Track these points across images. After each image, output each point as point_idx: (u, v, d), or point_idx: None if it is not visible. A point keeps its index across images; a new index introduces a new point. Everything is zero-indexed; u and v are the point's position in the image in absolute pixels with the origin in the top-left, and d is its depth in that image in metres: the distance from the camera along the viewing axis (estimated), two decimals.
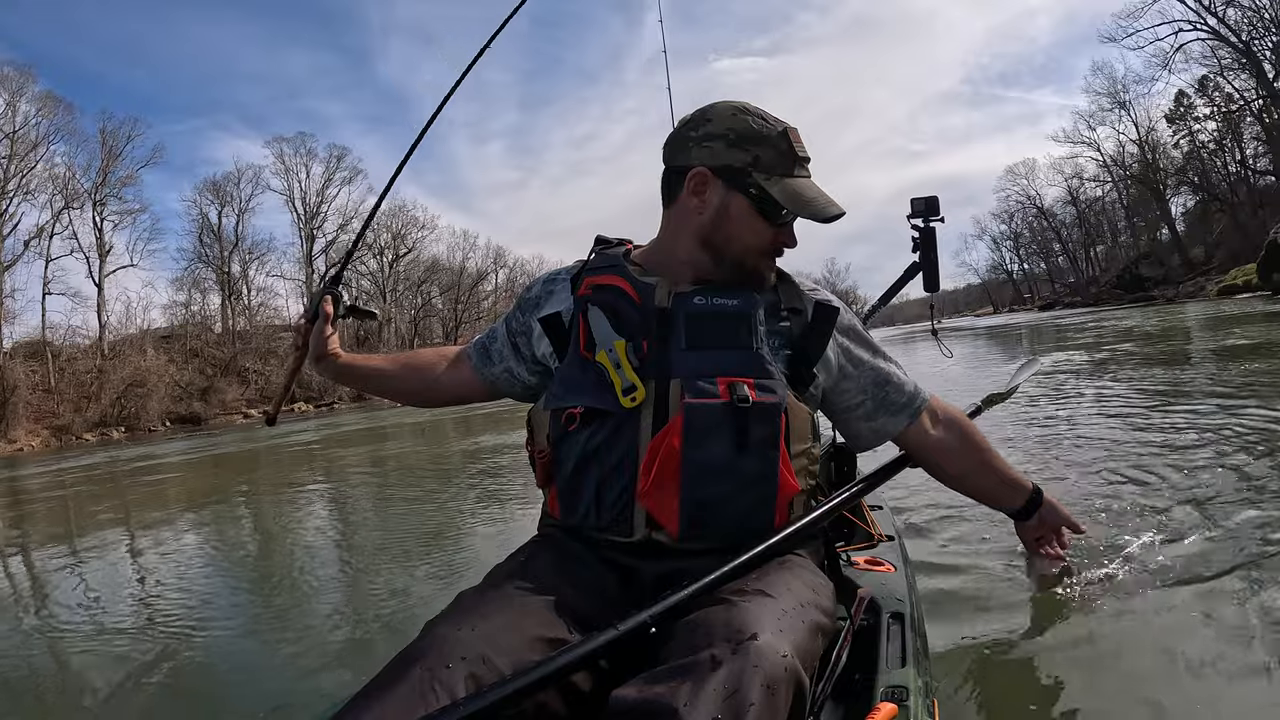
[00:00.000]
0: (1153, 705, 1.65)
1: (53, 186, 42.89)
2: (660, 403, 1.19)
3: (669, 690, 0.83)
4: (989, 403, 1.75)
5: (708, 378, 1.18)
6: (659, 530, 1.18)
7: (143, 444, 24.74)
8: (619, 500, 1.19)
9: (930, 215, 2.63)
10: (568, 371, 1.29)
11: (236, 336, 50.12)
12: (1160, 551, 2.53)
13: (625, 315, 1.26)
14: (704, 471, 1.15)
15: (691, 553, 1.16)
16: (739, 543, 1.09)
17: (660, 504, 1.17)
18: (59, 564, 4.96)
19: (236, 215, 53.25)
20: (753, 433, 1.16)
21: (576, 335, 1.29)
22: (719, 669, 0.84)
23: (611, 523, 1.20)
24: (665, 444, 1.16)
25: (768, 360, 1.22)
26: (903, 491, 3.85)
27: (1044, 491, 1.67)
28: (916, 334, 38.66)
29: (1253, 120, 45.09)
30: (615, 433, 1.20)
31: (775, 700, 0.84)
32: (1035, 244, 77.04)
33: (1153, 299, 39.42)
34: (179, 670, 2.70)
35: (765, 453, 1.17)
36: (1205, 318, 17.16)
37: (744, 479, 1.17)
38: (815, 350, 1.32)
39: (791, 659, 0.89)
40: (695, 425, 1.16)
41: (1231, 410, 4.62)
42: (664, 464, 1.15)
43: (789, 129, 1.29)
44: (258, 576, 4.17)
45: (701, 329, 1.22)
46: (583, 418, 1.22)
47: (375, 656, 2.62)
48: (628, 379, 1.20)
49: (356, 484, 8.04)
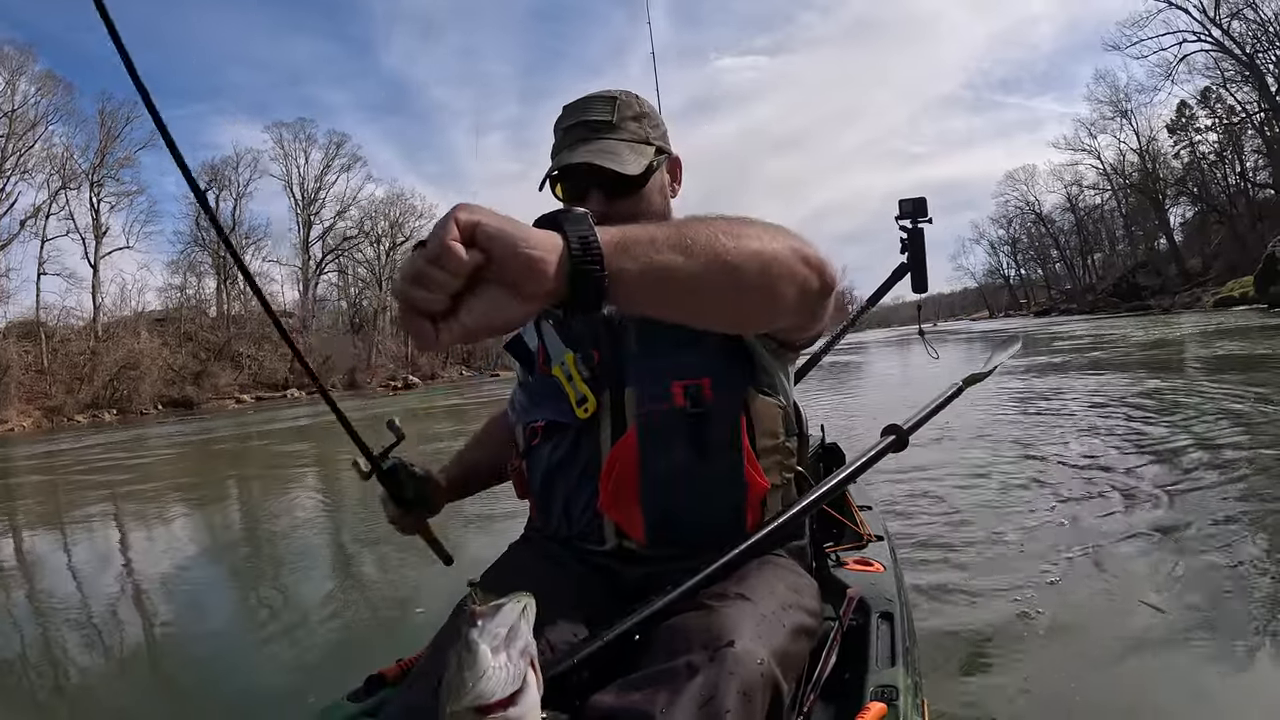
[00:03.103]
0: (1141, 702, 1.65)
1: (50, 166, 43.00)
2: (617, 412, 1.16)
3: (645, 698, 0.83)
4: (969, 382, 1.74)
5: (661, 383, 1.14)
6: (628, 539, 1.16)
7: (134, 427, 24.67)
8: (586, 511, 1.18)
9: (918, 217, 2.63)
10: (531, 387, 1.29)
11: (231, 321, 50.01)
12: (1149, 554, 2.54)
13: (575, 327, 1.24)
14: (664, 480, 1.13)
15: (667, 557, 1.14)
16: (714, 545, 1.05)
17: (624, 514, 1.15)
18: (42, 553, 4.93)
19: (234, 199, 53.36)
20: (711, 435, 1.13)
21: (537, 353, 1.28)
22: (696, 676, 0.84)
23: (583, 532, 1.19)
24: (622, 455, 1.14)
25: (723, 357, 1.16)
26: (892, 492, 3.86)
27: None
28: (910, 336, 38.89)
29: (1254, 133, 45.25)
30: (575, 445, 1.19)
31: (752, 706, 0.84)
32: (1033, 250, 77.30)
33: (1149, 308, 39.57)
34: (168, 661, 2.69)
35: (727, 454, 1.13)
36: (1201, 331, 17.23)
37: (708, 483, 1.14)
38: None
39: (769, 665, 0.89)
40: (650, 434, 1.13)
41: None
42: (622, 475, 1.13)
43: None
44: (246, 569, 4.15)
45: (652, 333, 1.17)
46: (544, 431, 1.22)
47: (362, 646, 2.61)
48: (579, 391, 1.18)
49: (346, 472, 8.02)
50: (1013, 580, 2.47)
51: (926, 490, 3.93)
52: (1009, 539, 2.94)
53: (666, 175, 1.27)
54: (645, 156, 1.19)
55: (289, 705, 2.11)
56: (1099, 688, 1.73)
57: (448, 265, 0.60)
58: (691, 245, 0.76)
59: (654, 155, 1.21)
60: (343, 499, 6.31)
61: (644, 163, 1.18)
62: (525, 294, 0.64)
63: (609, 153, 1.15)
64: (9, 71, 40.44)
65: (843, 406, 8.56)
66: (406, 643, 1.61)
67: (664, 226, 0.77)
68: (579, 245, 0.67)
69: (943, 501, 3.70)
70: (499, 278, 0.63)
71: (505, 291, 0.63)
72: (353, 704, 1.21)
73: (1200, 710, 1.64)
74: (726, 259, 0.78)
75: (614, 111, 1.21)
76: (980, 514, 3.40)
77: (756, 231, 0.84)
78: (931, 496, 3.81)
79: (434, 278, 0.60)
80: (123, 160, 46.85)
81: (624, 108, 1.22)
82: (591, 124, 1.20)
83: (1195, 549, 2.44)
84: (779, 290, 0.86)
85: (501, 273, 0.62)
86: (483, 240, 0.61)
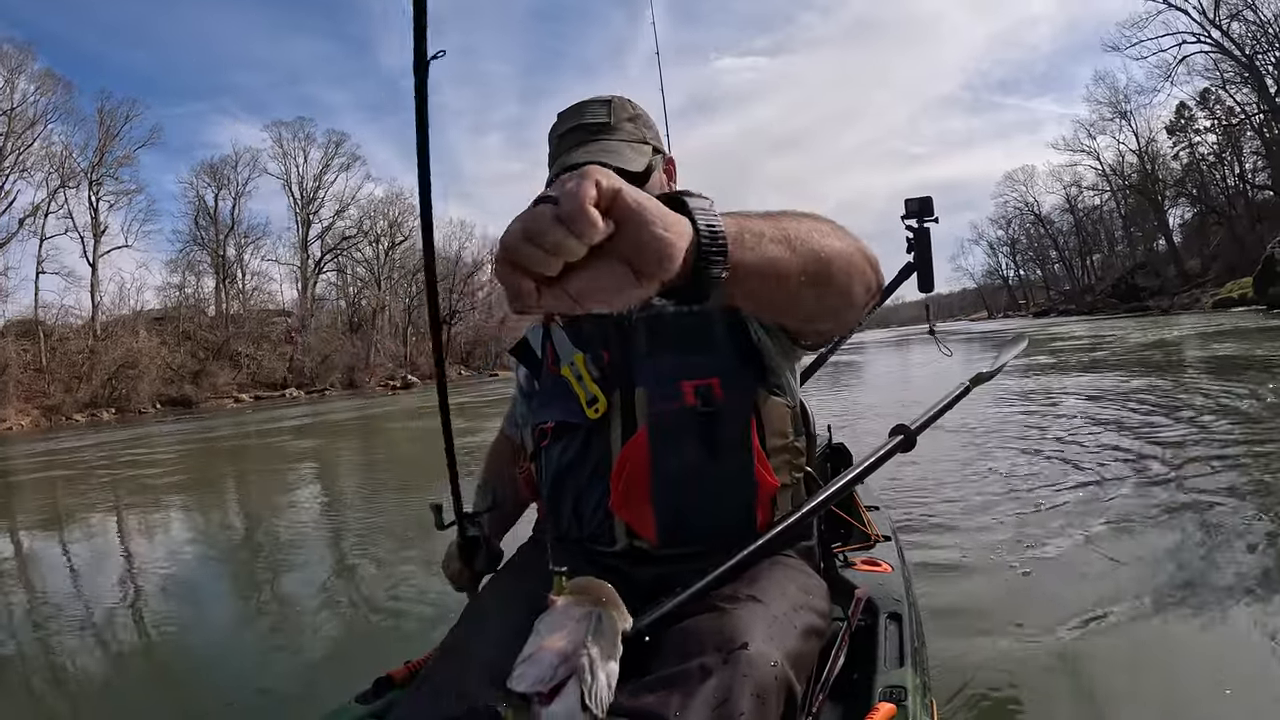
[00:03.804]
0: (1151, 705, 1.64)
1: (49, 165, 42.98)
2: (628, 412, 1.17)
3: (659, 700, 0.83)
4: (976, 382, 1.73)
5: (672, 383, 1.15)
6: (639, 539, 1.17)
7: (133, 426, 24.65)
8: (597, 511, 1.19)
9: (924, 216, 2.63)
10: (541, 389, 1.31)
11: (230, 320, 49.94)
12: (1156, 557, 2.54)
13: (584, 327, 1.25)
14: (676, 479, 1.14)
15: (678, 558, 1.14)
16: (725, 544, 1.06)
17: (635, 514, 1.15)
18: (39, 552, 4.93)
19: (233, 198, 53.36)
20: (722, 435, 1.14)
21: (546, 354, 1.29)
22: (709, 679, 0.84)
23: (594, 533, 1.20)
24: (633, 455, 1.14)
25: (733, 357, 1.18)
26: (899, 493, 3.86)
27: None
28: (911, 336, 38.88)
29: (1253, 135, 45.23)
30: (586, 445, 1.19)
31: (765, 709, 0.84)
32: (1032, 250, 77.35)
33: (1148, 309, 39.57)
34: (174, 661, 2.69)
35: (738, 453, 1.14)
36: (1200, 332, 17.24)
37: (718, 482, 1.15)
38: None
39: (782, 667, 0.89)
40: (661, 434, 1.14)
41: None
42: (633, 475, 1.14)
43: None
44: (253, 569, 4.14)
45: (662, 333, 1.19)
46: (554, 432, 1.22)
47: (370, 648, 2.60)
48: (589, 391, 1.18)
49: (348, 472, 8.00)
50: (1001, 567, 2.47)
51: (935, 494, 3.93)
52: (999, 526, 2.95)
53: (663, 176, 1.28)
54: (645, 155, 1.21)
55: (297, 707, 2.11)
56: (1119, 697, 1.72)
57: (580, 231, 0.53)
58: (793, 240, 0.75)
59: (652, 154, 1.23)
60: (350, 499, 6.31)
61: (644, 161, 1.19)
62: (646, 275, 0.57)
63: (611, 151, 1.16)
64: (8, 70, 40.53)
65: (851, 410, 8.55)
66: (415, 645, 1.60)
67: (766, 219, 0.74)
68: (708, 234, 0.63)
69: (952, 502, 3.70)
70: (623, 253, 0.56)
71: (624, 268, 0.57)
72: (361, 706, 1.21)
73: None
74: (820, 255, 0.79)
75: (611, 113, 1.22)
76: (993, 515, 3.39)
77: (831, 229, 0.84)
78: (943, 497, 3.81)
79: (559, 241, 0.53)
80: (122, 159, 47.03)
81: (619, 110, 1.24)
82: (590, 126, 1.21)
83: (1232, 575, 2.40)
84: (853, 288, 0.87)
85: (628, 249, 0.56)
86: (620, 212, 0.55)
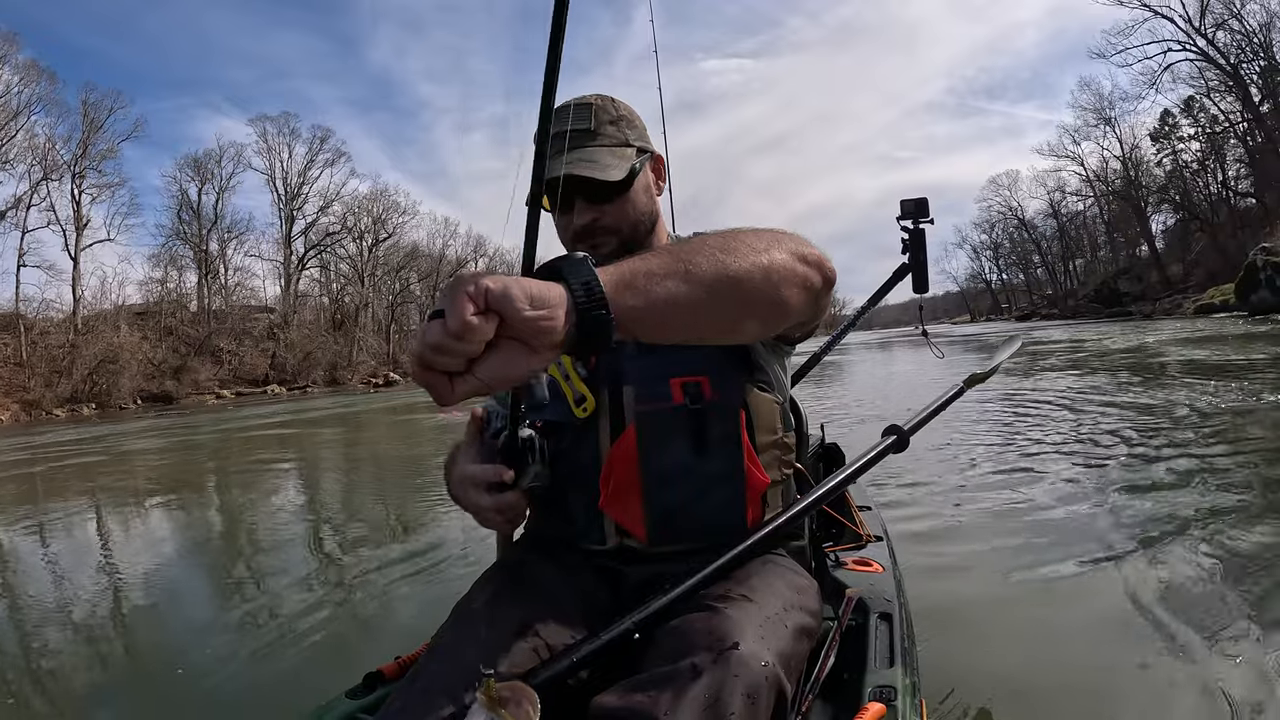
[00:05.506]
0: (1138, 705, 1.66)
1: (32, 157, 42.33)
2: (616, 411, 1.17)
3: (649, 699, 0.83)
4: (970, 383, 1.74)
5: (659, 381, 1.15)
6: (629, 537, 1.16)
7: (114, 421, 24.42)
8: (587, 510, 1.18)
9: (920, 217, 2.67)
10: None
11: (212, 316, 49.54)
12: (1143, 557, 2.56)
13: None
14: (665, 477, 1.14)
15: (669, 555, 1.14)
16: (715, 542, 1.05)
17: (624, 512, 1.15)
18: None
19: (216, 193, 52.77)
20: (711, 432, 1.14)
21: None
22: (700, 678, 0.84)
23: (584, 532, 1.19)
24: (621, 454, 1.15)
25: (721, 354, 1.17)
26: (891, 492, 3.88)
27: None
28: (893, 339, 39.11)
29: (1236, 142, 45.88)
30: (575, 444, 1.19)
31: (756, 708, 0.84)
32: (1015, 255, 78.10)
33: (1129, 314, 40.00)
34: (165, 656, 2.66)
35: (727, 450, 1.15)
36: (1180, 339, 17.44)
37: (708, 479, 1.15)
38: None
39: (773, 666, 0.89)
40: (650, 432, 1.14)
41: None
42: (622, 474, 1.14)
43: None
44: (243, 564, 4.10)
45: None
46: (542, 432, 1.20)
47: (361, 643, 2.59)
48: (577, 390, 1.18)
49: (332, 469, 7.96)
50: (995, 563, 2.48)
51: (927, 494, 3.96)
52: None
53: (651, 175, 1.27)
54: (627, 160, 1.19)
55: (287, 701, 2.09)
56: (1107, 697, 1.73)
57: (467, 339, 0.62)
58: (691, 269, 0.78)
59: (635, 156, 1.21)
60: (342, 496, 6.27)
61: (626, 166, 1.17)
62: (537, 347, 0.67)
63: (590, 161, 1.15)
64: None
65: (839, 413, 8.59)
66: (406, 640, 1.60)
67: (661, 254, 0.79)
68: (583, 292, 0.70)
69: (944, 502, 3.72)
70: (513, 334, 0.65)
71: (518, 345, 0.66)
72: (351, 701, 1.21)
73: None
74: (728, 275, 0.81)
75: (591, 118, 1.20)
76: (985, 515, 3.41)
77: (751, 241, 0.86)
78: (935, 497, 3.84)
79: (455, 349, 0.63)
80: (105, 152, 46.36)
81: (601, 113, 1.21)
82: (570, 133, 1.19)
83: (1224, 578, 2.42)
84: (784, 295, 0.88)
85: (513, 331, 0.65)
86: (494, 305, 0.63)
